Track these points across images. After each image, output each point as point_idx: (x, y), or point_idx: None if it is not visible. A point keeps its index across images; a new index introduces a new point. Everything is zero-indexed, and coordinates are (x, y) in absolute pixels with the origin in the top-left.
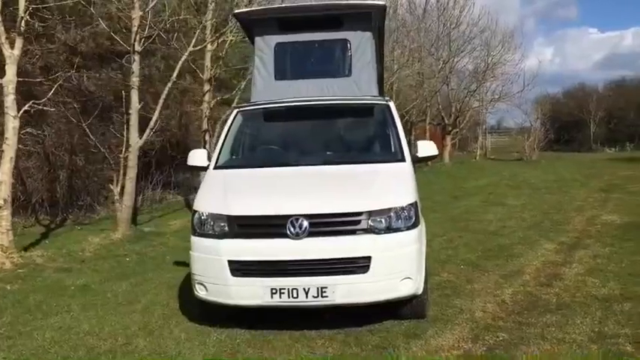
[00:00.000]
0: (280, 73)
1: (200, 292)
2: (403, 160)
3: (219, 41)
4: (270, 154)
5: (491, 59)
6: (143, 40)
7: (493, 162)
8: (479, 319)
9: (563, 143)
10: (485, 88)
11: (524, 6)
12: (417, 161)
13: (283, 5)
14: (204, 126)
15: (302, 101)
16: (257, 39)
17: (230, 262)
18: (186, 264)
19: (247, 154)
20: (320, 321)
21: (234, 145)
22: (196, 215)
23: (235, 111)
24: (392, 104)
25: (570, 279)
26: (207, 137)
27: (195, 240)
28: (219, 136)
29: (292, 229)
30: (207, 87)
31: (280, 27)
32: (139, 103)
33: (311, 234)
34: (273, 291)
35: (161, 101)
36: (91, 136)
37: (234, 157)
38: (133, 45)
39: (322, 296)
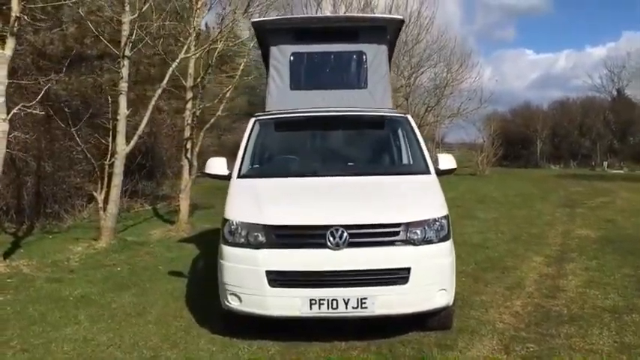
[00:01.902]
0: (296, 83)
1: (232, 303)
2: (429, 172)
3: (209, 48)
4: (296, 164)
5: (450, 76)
6: (130, 44)
7: (447, 176)
8: (502, 331)
9: (511, 159)
10: (442, 104)
11: (465, 25)
12: (439, 174)
13: (301, 16)
14: (187, 134)
15: (321, 111)
16: (272, 48)
17: (268, 273)
18: (181, 275)
19: (272, 163)
20: (342, 332)
21: (257, 154)
22: (228, 224)
23: (253, 120)
24: (410, 117)
25: (572, 291)
26: (188, 145)
27: (228, 250)
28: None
29: (332, 240)
30: (190, 94)
31: (296, 37)
32: (127, 109)
33: (350, 245)
34: (313, 302)
35: (150, 107)
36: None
37: (258, 166)
38: (123, 50)
39: (362, 307)
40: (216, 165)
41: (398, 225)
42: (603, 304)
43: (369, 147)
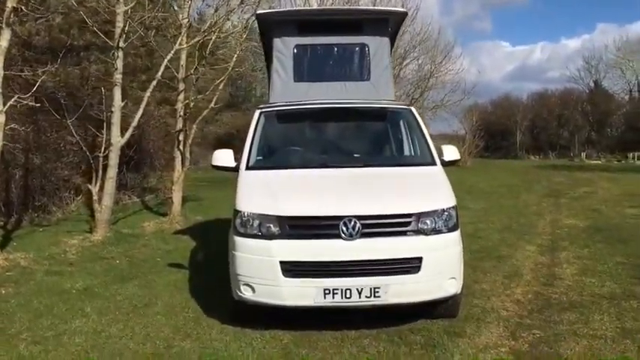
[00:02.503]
0: (299, 75)
1: (245, 294)
2: (434, 163)
3: (204, 39)
4: (304, 156)
5: (434, 67)
6: (125, 36)
7: None
8: (507, 318)
9: (491, 151)
10: (425, 96)
11: (443, 17)
12: (443, 165)
13: (304, 8)
14: (179, 126)
15: (326, 103)
16: (276, 40)
17: (282, 263)
18: (181, 266)
19: (280, 155)
20: (350, 321)
21: (264, 146)
22: (239, 216)
23: (258, 112)
24: (413, 109)
25: (569, 279)
26: (181, 137)
27: (240, 240)
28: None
29: (346, 230)
30: (182, 86)
31: (300, 29)
32: (122, 101)
33: (363, 235)
34: (327, 291)
35: (145, 98)
36: (49, 134)
37: (266, 158)
38: (118, 41)
39: (375, 296)
40: (223, 157)
41: (409, 215)
42: (600, 291)
43: (375, 138)
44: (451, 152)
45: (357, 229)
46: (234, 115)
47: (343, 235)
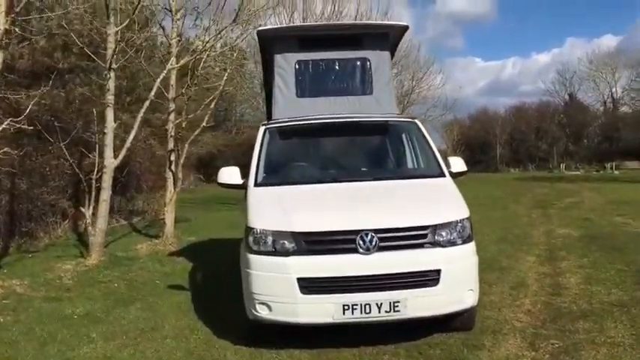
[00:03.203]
0: (301, 91)
1: (261, 312)
2: (443, 175)
3: (196, 58)
4: (314, 171)
5: (415, 83)
6: (116, 57)
7: None
8: (522, 329)
9: (471, 164)
10: (408, 111)
11: (417, 34)
12: (452, 176)
13: (305, 24)
14: (170, 146)
15: (331, 118)
16: (277, 57)
17: (299, 280)
18: (182, 288)
19: (289, 171)
20: (362, 336)
21: (271, 162)
22: (252, 233)
23: (263, 128)
24: (418, 121)
25: (574, 288)
26: (172, 157)
27: (254, 258)
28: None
29: (363, 244)
30: (172, 106)
31: (300, 45)
32: (115, 121)
33: (380, 249)
34: (346, 307)
35: (138, 119)
36: (34, 158)
37: (274, 174)
38: (110, 62)
39: (394, 310)
40: (229, 174)
41: (426, 227)
42: (608, 299)
43: (382, 152)
44: (458, 164)
45: (374, 242)
46: (215, 134)
47: (360, 249)
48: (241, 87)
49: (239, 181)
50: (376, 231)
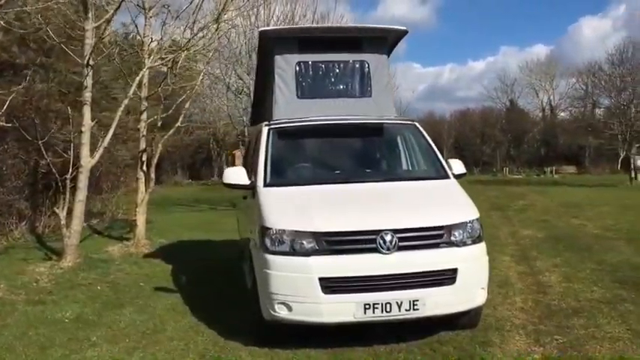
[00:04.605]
0: (302, 92)
1: (280, 313)
2: (448, 177)
3: (174, 58)
4: (323, 172)
5: None
6: (92, 54)
7: None
8: (522, 326)
9: None
10: None
11: None
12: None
13: (305, 26)
14: (142, 145)
15: (334, 119)
16: (277, 57)
17: (321, 280)
18: (169, 290)
19: (298, 171)
20: (374, 336)
21: (279, 162)
22: (269, 233)
23: (267, 128)
24: (418, 124)
25: (557, 286)
26: (144, 157)
27: (272, 258)
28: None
29: (383, 244)
30: (144, 105)
31: (301, 47)
32: (92, 120)
33: (400, 248)
34: (367, 306)
35: (117, 118)
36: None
37: (282, 174)
38: (87, 58)
39: (414, 309)
40: (236, 175)
41: (442, 227)
42: (593, 296)
43: (388, 153)
44: (458, 166)
45: (394, 242)
46: (163, 134)
47: (381, 248)
48: (210, 87)
49: (246, 181)
50: (396, 231)
